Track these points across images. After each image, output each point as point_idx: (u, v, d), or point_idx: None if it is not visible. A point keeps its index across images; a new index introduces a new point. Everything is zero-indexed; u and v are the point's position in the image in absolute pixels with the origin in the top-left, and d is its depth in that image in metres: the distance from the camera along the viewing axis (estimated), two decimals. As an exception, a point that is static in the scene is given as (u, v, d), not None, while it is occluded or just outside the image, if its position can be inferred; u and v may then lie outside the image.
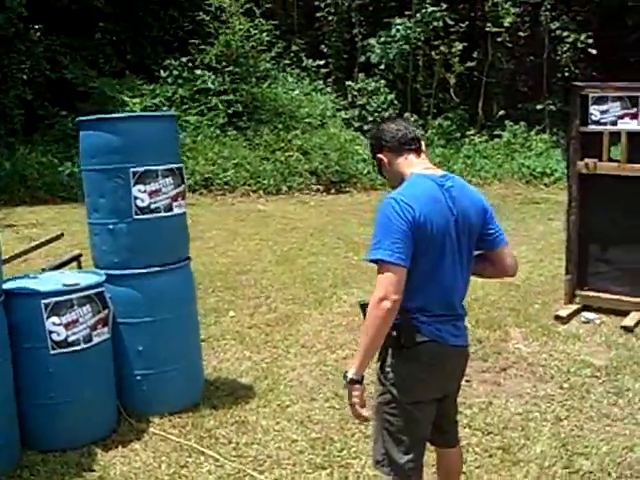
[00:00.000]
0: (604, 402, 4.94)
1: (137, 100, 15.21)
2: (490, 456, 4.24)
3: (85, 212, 4.83)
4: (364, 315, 2.99)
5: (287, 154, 15.18)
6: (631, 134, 6.45)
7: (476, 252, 3.13)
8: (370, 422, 3.18)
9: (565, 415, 4.74)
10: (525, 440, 4.41)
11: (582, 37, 17.41)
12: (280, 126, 15.85)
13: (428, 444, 3.22)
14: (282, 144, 15.45)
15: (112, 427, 4.52)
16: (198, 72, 15.94)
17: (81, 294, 4.28)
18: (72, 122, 14.63)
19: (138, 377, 4.66)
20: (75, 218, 11.01)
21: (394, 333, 2.88)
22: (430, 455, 3.44)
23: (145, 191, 4.55)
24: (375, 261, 2.82)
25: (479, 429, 4.55)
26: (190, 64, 16.03)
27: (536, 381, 5.33)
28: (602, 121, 6.54)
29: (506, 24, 17.25)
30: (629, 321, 6.37)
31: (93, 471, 4.08)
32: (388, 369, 2.98)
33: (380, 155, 3.11)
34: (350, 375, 2.85)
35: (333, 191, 14.84)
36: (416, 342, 2.91)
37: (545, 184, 15.41)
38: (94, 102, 14.88)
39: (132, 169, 4.50)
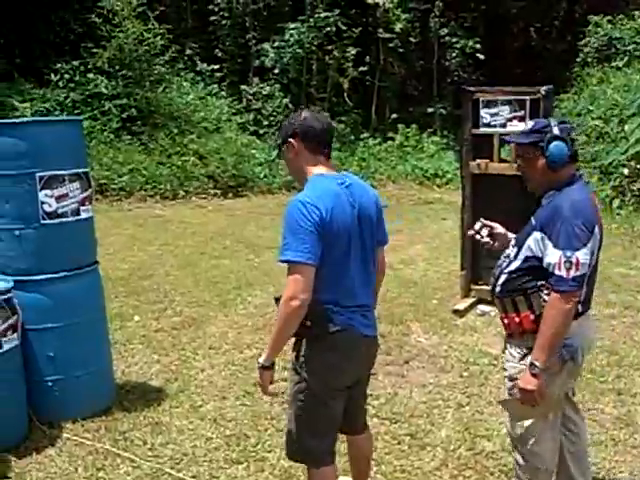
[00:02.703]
0: (502, 388, 5.20)
1: (27, 105, 14.74)
2: (399, 443, 4.45)
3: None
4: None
5: (183, 159, 15.09)
6: (519, 135, 6.81)
7: None
8: (276, 398, 3.33)
9: (466, 401, 5.01)
10: (430, 426, 4.65)
11: (470, 43, 18.07)
12: (175, 130, 15.73)
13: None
14: (178, 149, 15.35)
15: (24, 434, 4.49)
16: (90, 76, 15.61)
17: (-11, 301, 4.24)
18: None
19: (49, 383, 4.63)
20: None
21: (308, 323, 3.01)
22: (343, 444, 3.61)
23: (52, 196, 4.53)
24: (285, 262, 2.96)
25: (387, 418, 4.76)
26: (82, 68, 15.66)
27: (438, 371, 5.59)
28: (492, 124, 6.91)
29: (397, 30, 17.71)
30: (521, 312, 6.73)
31: (8, 478, 4.05)
32: (303, 359, 3.12)
33: (293, 141, 3.14)
34: (261, 361, 3.09)
35: (230, 195, 14.86)
36: (329, 331, 3.05)
37: (437, 185, 15.92)
38: (-18, 106, 14.41)
39: (38, 174, 4.47)
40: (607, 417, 4.77)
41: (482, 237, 3.59)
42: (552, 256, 3.03)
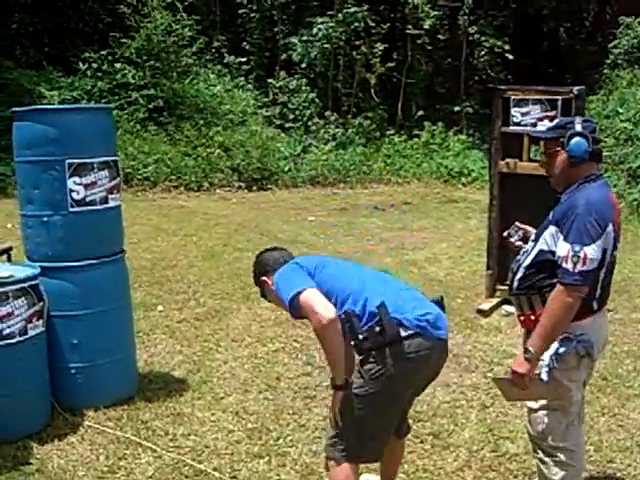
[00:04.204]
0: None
1: (55, 93, 14.84)
2: (421, 442, 4.40)
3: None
4: None
5: (208, 150, 15.11)
6: (550, 135, 6.73)
7: None
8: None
9: (490, 402, 4.95)
10: (454, 426, 4.60)
11: (499, 42, 17.92)
12: (201, 122, 15.76)
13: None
14: (203, 140, 15.37)
15: (47, 421, 4.50)
16: (118, 66, 15.67)
17: (16, 286, 4.24)
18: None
19: (73, 370, 4.64)
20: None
21: (377, 329, 2.97)
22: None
23: (81, 183, 4.53)
24: (292, 301, 3.02)
25: (409, 417, 4.68)
26: (110, 57, 15.71)
27: (462, 371, 5.53)
28: (523, 123, 6.81)
29: (426, 27, 17.60)
30: (547, 314, 6.65)
31: (30, 464, 4.05)
32: (371, 365, 3.03)
33: (264, 278, 3.35)
34: (337, 382, 3.10)
35: (255, 188, 14.87)
36: (401, 337, 2.98)
37: (463, 183, 15.77)
38: (10, 93, 14.44)
39: (68, 161, 4.47)
40: (633, 423, 4.70)
41: (515, 240, 3.62)
42: (561, 249, 3.09)
